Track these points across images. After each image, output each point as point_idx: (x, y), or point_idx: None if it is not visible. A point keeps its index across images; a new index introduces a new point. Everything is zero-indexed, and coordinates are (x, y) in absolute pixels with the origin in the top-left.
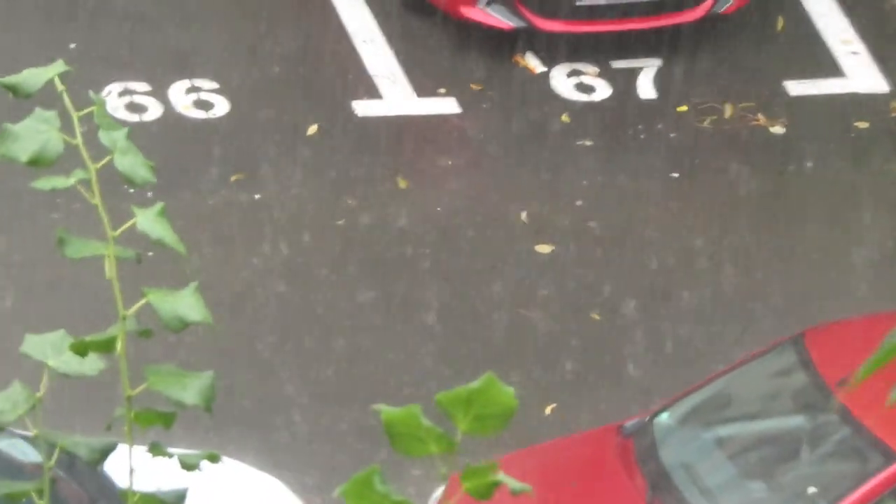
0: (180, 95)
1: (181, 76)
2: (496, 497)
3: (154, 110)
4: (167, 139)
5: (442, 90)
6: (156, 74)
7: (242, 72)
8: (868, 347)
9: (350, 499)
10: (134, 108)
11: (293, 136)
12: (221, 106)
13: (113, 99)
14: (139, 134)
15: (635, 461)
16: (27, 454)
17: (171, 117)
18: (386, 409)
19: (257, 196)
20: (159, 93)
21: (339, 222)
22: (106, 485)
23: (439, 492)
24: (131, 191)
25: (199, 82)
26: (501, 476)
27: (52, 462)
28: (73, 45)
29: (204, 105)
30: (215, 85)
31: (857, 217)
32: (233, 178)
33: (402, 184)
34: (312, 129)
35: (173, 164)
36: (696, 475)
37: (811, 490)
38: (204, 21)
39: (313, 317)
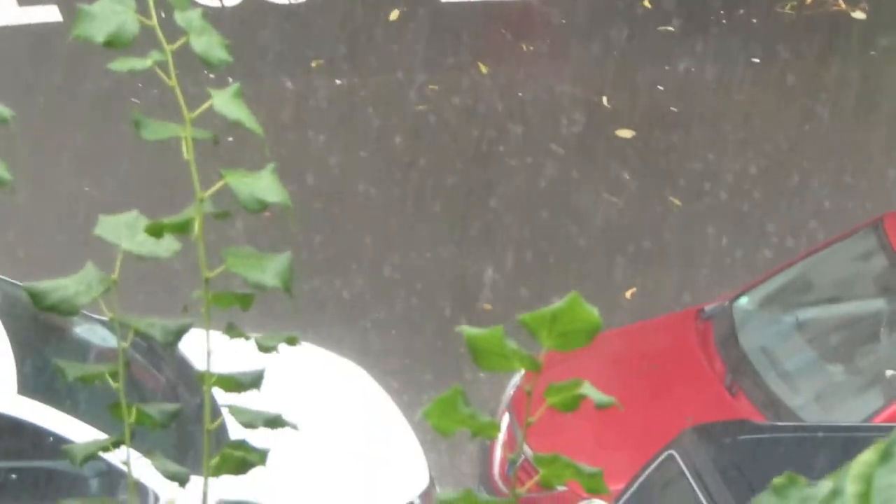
0: None
1: None
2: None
3: None
4: (248, 24)
5: None
6: None
7: None
8: None
9: (433, 419)
10: None
11: (375, 21)
12: None
13: None
14: (219, 19)
15: (715, 345)
16: (106, 340)
17: (251, 2)
18: (468, 330)
19: (338, 82)
20: None
21: (420, 107)
22: (184, 369)
23: (515, 378)
24: (211, 75)
25: None
26: (587, 389)
27: (127, 344)
28: None
29: None
30: None
31: None
32: (313, 64)
33: (484, 69)
34: (395, 15)
35: (253, 50)
36: (775, 359)
37: (890, 373)
38: None
39: (393, 200)
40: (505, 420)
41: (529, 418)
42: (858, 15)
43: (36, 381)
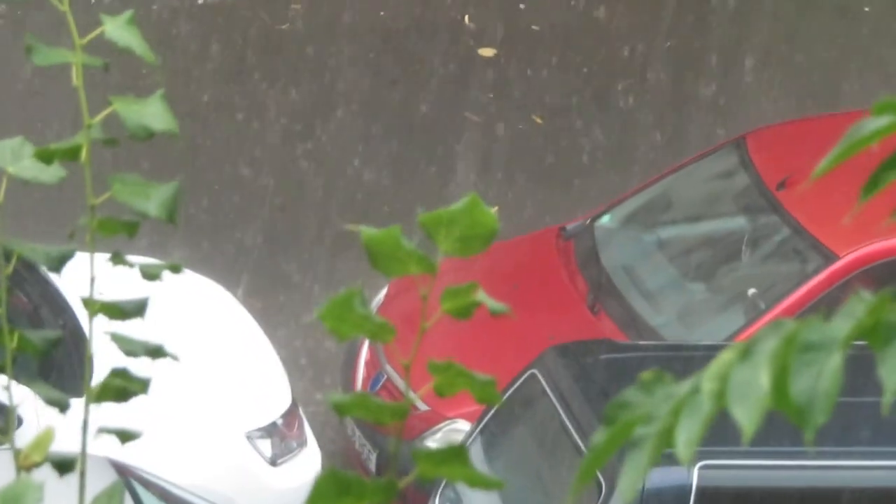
0: None
1: None
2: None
3: None
4: None
5: None
6: None
7: None
8: (807, 149)
9: (329, 321)
10: None
11: None
12: None
13: None
14: None
15: (576, 264)
16: None
17: None
18: (366, 230)
19: (200, 1)
20: None
21: (284, 27)
22: (47, 291)
23: (381, 295)
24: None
25: None
26: (481, 296)
27: (10, 269)
28: None
29: None
30: None
31: (796, 16)
32: None
33: None
34: None
35: None
36: (637, 278)
37: (751, 291)
38: None
39: (257, 119)
40: (365, 345)
41: (425, 323)
42: None
43: None
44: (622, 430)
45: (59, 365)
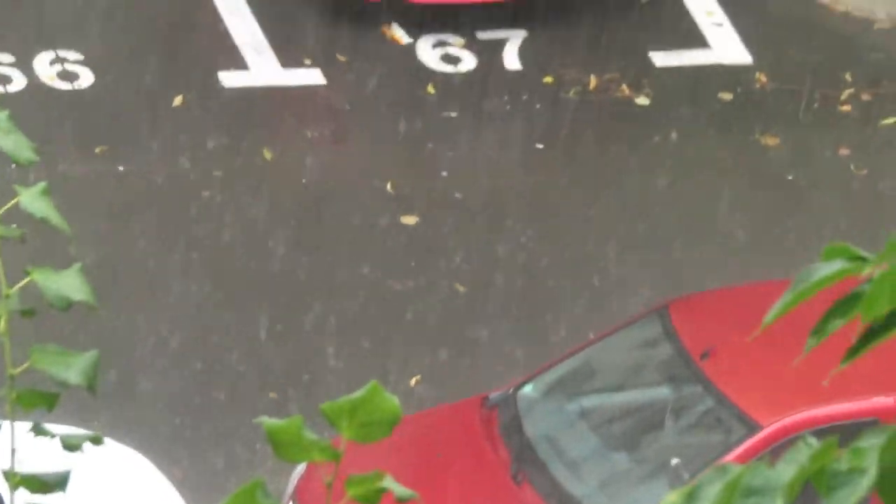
0: (44, 67)
1: (46, 47)
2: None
3: (18, 81)
4: (32, 110)
5: (308, 61)
6: (20, 45)
7: (107, 42)
8: (730, 318)
9: None
10: None
11: (158, 107)
12: (86, 77)
13: None
14: (4, 105)
15: (499, 433)
16: None
17: (35, 88)
18: (268, 421)
19: (121, 168)
20: (24, 64)
21: (206, 193)
22: None
23: (300, 468)
24: (13, 166)
25: (63, 53)
26: (388, 482)
27: None
28: None
29: (69, 76)
30: (80, 56)
31: (720, 186)
32: (97, 150)
33: (268, 155)
34: (178, 101)
35: (38, 136)
36: (561, 447)
37: (675, 461)
38: None
39: (178, 290)
40: None
41: None
42: (643, 101)
43: None
44: None
45: None
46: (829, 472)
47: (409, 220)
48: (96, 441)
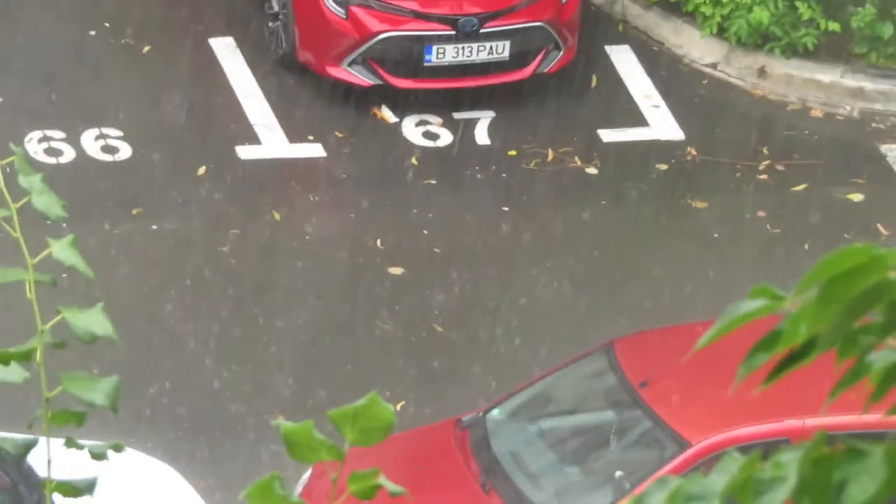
0: (90, 142)
1: (91, 125)
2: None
3: (68, 154)
4: (80, 179)
5: (311, 137)
6: (70, 123)
7: (143, 121)
8: (664, 352)
9: (253, 500)
10: (51, 152)
11: (185, 175)
12: (125, 150)
13: (33, 145)
14: (56, 174)
15: (471, 450)
16: None
17: (82, 160)
18: (284, 424)
19: (154, 227)
20: (73, 139)
21: (224, 248)
22: (26, 471)
23: (306, 476)
24: (48, 222)
25: (106, 130)
26: (382, 480)
27: None
28: (0, 99)
29: (110, 149)
30: (120, 133)
31: (659, 242)
32: (134, 212)
33: (277, 216)
34: (202, 170)
35: (85, 200)
36: (522, 462)
37: (619, 474)
38: (112, 77)
39: (202, 329)
40: None
41: (334, 503)
42: (592, 170)
43: None
44: None
45: None
46: (755, 481)
47: (396, 270)
48: (117, 448)
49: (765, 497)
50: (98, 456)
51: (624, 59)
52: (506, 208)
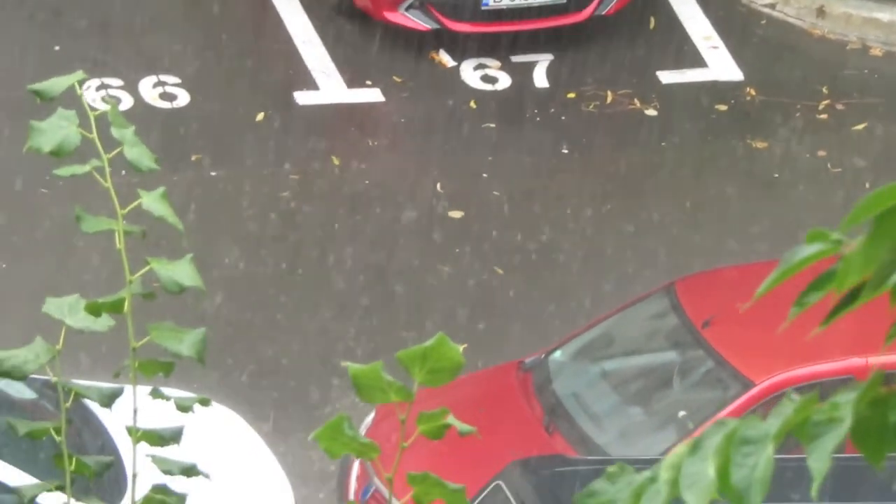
0: (148, 89)
1: (149, 72)
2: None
3: (126, 102)
4: (138, 126)
5: (369, 82)
6: (128, 71)
7: (201, 68)
8: (726, 293)
9: (323, 442)
10: (107, 100)
11: (244, 122)
12: (183, 97)
13: (91, 93)
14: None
15: (534, 391)
16: (21, 392)
17: (140, 107)
18: (352, 365)
19: (213, 173)
20: (131, 87)
21: (284, 194)
22: (87, 417)
23: (369, 419)
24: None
25: (164, 77)
26: (451, 420)
27: (69, 404)
28: (56, 48)
29: (168, 97)
30: (178, 80)
31: (717, 183)
32: (193, 159)
33: (336, 161)
34: (260, 116)
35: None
36: (585, 403)
37: (681, 414)
38: (169, 25)
39: (262, 275)
40: (357, 460)
41: (404, 443)
42: (650, 112)
43: None
44: None
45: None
46: (811, 423)
47: (456, 214)
48: (204, 403)
49: (821, 439)
50: (184, 408)
51: (682, 1)
52: (565, 151)
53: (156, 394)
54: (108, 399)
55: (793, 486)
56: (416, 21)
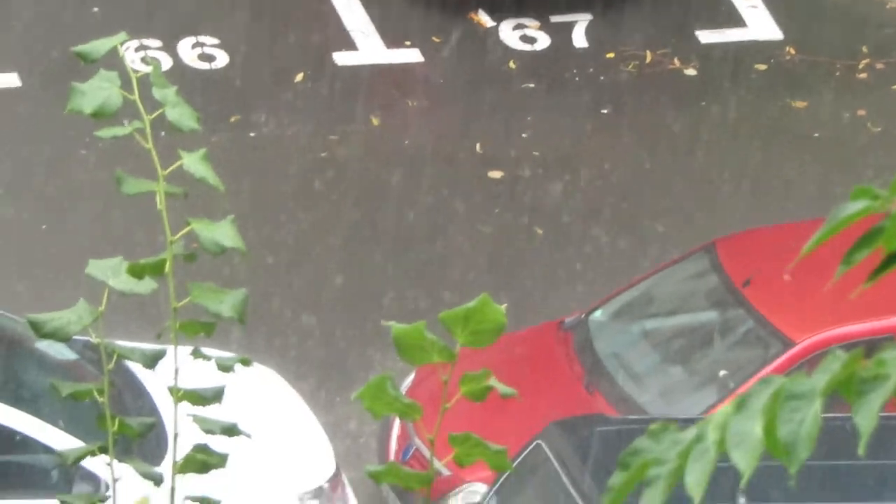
0: (187, 50)
1: (188, 34)
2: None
3: (165, 63)
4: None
5: (408, 42)
6: (167, 32)
7: (239, 29)
8: (766, 252)
9: (365, 401)
10: (148, 61)
11: (282, 82)
12: (222, 58)
13: (129, 54)
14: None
15: (574, 351)
16: (62, 353)
17: (179, 68)
18: (395, 325)
19: (252, 134)
20: (170, 48)
21: (323, 154)
22: (127, 377)
23: (408, 381)
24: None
25: (202, 38)
26: (493, 381)
27: (112, 365)
28: (95, 9)
29: (207, 57)
30: (216, 41)
31: (757, 143)
32: (232, 120)
33: (375, 122)
34: (299, 77)
35: None
36: (625, 363)
37: (722, 373)
38: None
39: (301, 236)
40: (396, 421)
41: (446, 404)
42: (690, 72)
43: (4, 388)
44: (637, 471)
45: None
46: (857, 379)
47: (496, 174)
48: (245, 363)
49: (867, 396)
50: (225, 368)
51: None
52: (604, 111)
53: (197, 354)
54: (151, 360)
55: (832, 446)
56: None
